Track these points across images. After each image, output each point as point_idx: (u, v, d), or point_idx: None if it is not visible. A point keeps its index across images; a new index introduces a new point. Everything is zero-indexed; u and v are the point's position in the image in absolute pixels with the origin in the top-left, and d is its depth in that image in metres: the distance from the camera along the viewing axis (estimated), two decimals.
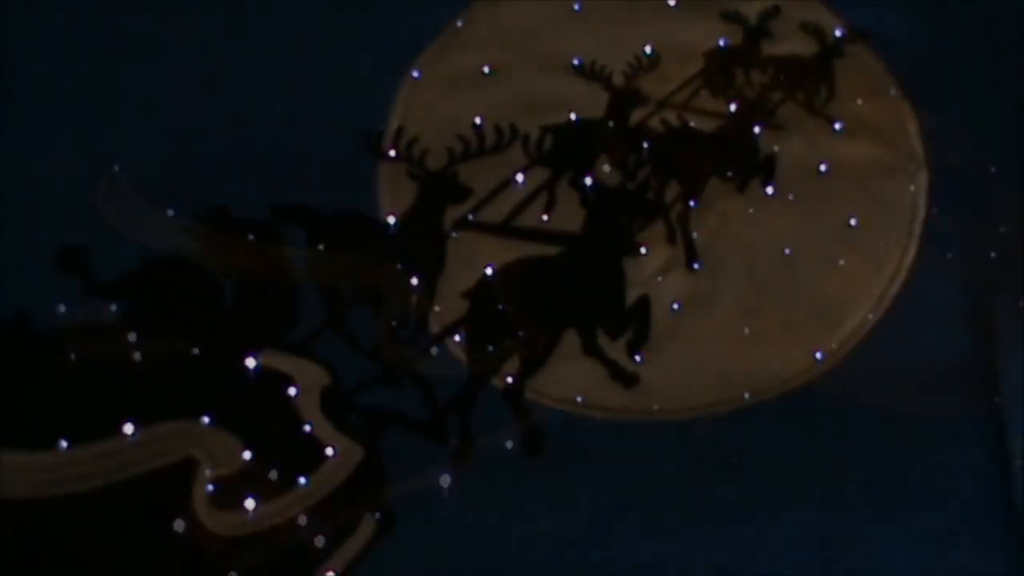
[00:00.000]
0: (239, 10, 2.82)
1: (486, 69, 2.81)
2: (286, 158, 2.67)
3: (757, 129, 2.78)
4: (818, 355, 2.53)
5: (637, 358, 2.53)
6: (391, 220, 2.62)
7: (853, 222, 2.67)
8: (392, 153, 2.67)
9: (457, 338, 2.53)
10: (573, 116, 2.77)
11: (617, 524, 2.37)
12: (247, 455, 2.35)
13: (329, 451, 2.38)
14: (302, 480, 2.35)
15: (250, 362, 2.44)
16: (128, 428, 2.34)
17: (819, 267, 2.64)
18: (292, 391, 2.43)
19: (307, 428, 2.40)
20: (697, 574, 2.32)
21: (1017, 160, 2.73)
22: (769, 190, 2.72)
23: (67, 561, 2.27)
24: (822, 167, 2.73)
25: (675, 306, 2.58)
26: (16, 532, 2.28)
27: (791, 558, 2.34)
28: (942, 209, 2.70)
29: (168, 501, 2.32)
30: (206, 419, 2.38)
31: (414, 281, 2.56)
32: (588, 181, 2.70)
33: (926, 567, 2.34)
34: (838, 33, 2.90)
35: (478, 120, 2.71)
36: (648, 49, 2.85)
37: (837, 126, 2.78)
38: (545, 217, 2.67)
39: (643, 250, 2.63)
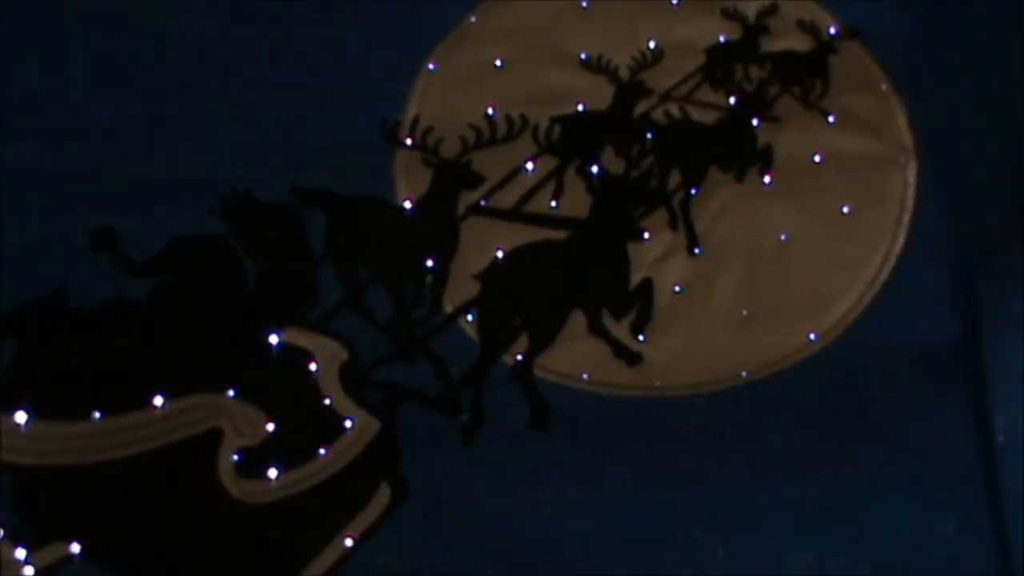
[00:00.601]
0: (264, 6, 2.85)
1: (498, 62, 2.84)
2: (308, 146, 2.70)
3: (755, 121, 2.81)
4: (812, 336, 2.57)
5: (640, 337, 2.57)
6: (407, 205, 2.65)
7: (846, 210, 2.70)
8: (408, 142, 2.70)
9: (469, 317, 2.57)
10: (580, 108, 2.80)
11: (619, 494, 2.40)
12: (270, 427, 2.39)
13: (347, 423, 2.43)
14: (322, 451, 2.39)
15: (273, 338, 2.47)
16: (157, 400, 2.37)
17: (813, 252, 2.67)
18: (313, 366, 2.47)
19: (327, 401, 2.44)
20: (695, 541, 2.35)
21: (1004, 152, 2.76)
22: (766, 179, 2.75)
23: (101, 523, 2.30)
24: (817, 158, 2.77)
25: (676, 288, 2.61)
26: (58, 495, 2.32)
27: (784, 527, 2.37)
28: (930, 198, 2.72)
29: (195, 470, 2.36)
30: (231, 392, 2.41)
31: (428, 263, 2.59)
32: (594, 169, 2.73)
33: (913, 538, 2.37)
34: (832, 31, 2.93)
35: (490, 111, 2.74)
36: (652, 45, 2.88)
37: (831, 119, 2.82)
38: (553, 203, 2.70)
39: (646, 235, 2.66)
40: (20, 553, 2.25)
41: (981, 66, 2.84)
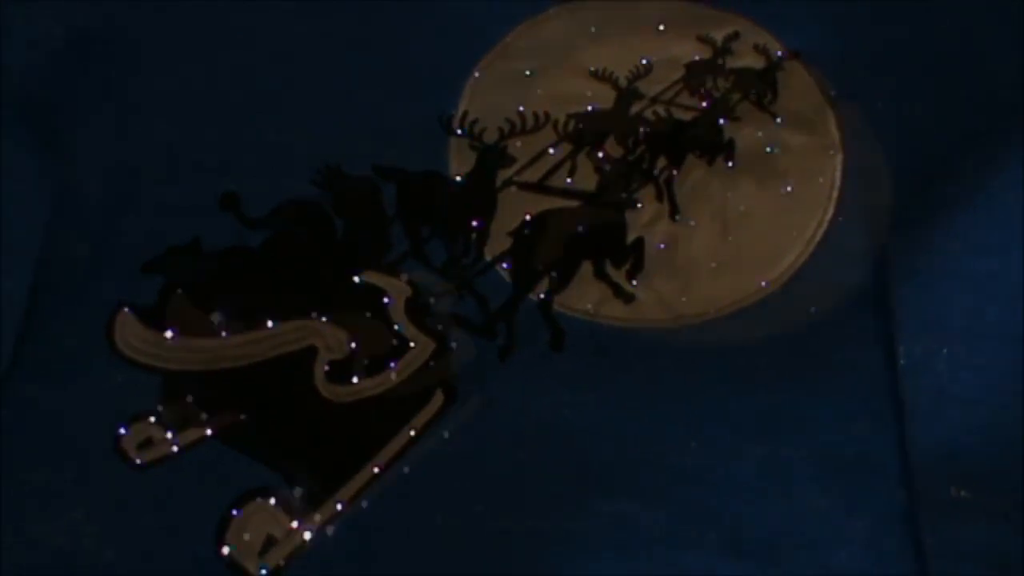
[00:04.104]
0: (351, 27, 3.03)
1: (528, 72, 3.11)
2: (383, 132, 2.94)
3: (722, 120, 3.05)
4: (764, 283, 2.80)
5: (634, 282, 2.80)
6: (458, 179, 2.91)
7: (789, 188, 2.96)
8: (459, 131, 2.93)
9: (504, 265, 2.80)
10: (590, 107, 3.07)
11: (620, 402, 2.60)
12: (352, 345, 2.64)
13: (411, 344, 2.67)
14: (392, 364, 2.63)
15: (355, 278, 2.75)
16: (268, 323, 2.67)
17: (765, 220, 2.89)
18: (385, 300, 2.74)
19: (396, 327, 2.69)
20: (675, 435, 2.53)
21: (909, 147, 2.87)
22: (730, 164, 2.99)
23: (225, 415, 2.56)
24: (768, 149, 3.00)
25: (661, 246, 2.87)
26: (195, 392, 2.59)
27: (743, 426, 2.56)
28: (853, 181, 2.92)
29: (295, 376, 2.62)
30: (324, 318, 2.69)
31: (474, 223, 2.87)
32: (600, 154, 2.98)
33: (836, 434, 2.53)
34: (779, 53, 3.11)
35: (521, 108, 3.00)
36: (645, 60, 3.14)
37: (779, 120, 3.05)
38: (569, 180, 2.95)
39: (639, 205, 2.90)
40: (168, 434, 2.48)
41: (894, 81, 2.99)
